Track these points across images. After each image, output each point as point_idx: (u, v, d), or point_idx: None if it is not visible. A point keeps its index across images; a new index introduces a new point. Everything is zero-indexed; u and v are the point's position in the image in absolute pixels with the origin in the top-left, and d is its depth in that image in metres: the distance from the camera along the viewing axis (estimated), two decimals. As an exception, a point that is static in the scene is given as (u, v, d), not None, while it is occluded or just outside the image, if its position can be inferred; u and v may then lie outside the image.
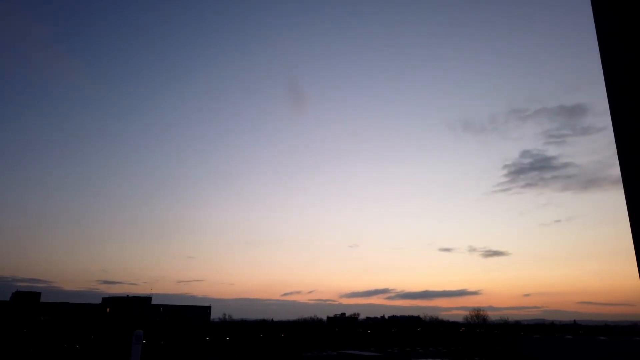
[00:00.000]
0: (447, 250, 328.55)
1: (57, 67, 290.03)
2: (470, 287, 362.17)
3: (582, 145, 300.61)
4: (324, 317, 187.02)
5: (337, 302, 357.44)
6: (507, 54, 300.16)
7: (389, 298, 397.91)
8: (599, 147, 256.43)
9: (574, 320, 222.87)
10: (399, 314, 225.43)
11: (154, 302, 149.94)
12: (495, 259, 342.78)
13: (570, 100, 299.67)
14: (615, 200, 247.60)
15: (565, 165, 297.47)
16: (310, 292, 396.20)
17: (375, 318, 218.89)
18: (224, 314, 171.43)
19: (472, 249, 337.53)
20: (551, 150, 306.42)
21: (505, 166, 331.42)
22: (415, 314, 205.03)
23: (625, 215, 4.65)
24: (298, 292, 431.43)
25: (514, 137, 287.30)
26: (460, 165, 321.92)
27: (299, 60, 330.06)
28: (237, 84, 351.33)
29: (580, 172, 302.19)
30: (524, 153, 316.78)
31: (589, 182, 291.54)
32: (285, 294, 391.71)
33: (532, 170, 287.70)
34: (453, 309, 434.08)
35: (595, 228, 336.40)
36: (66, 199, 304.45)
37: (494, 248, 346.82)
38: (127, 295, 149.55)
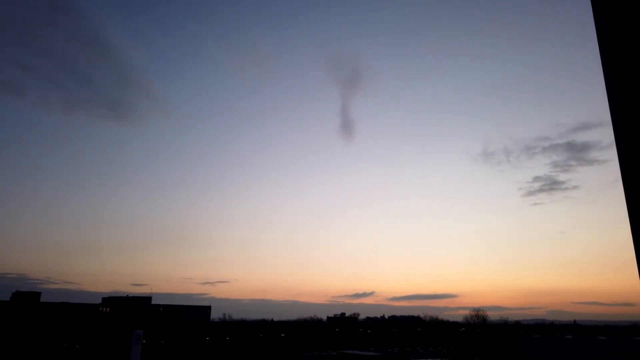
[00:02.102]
0: (456, 256, 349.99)
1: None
2: (473, 288, 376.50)
3: (587, 173, 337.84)
4: (324, 317, 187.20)
5: (341, 303, 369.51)
6: (520, 100, 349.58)
7: (392, 299, 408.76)
8: (602, 174, 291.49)
9: (574, 320, 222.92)
10: (399, 314, 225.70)
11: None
12: (501, 264, 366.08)
13: (577, 138, 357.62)
14: (616, 207, 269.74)
15: (572, 187, 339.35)
16: (311, 293, 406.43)
17: (375, 318, 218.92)
18: (224, 314, 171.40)
19: (482, 255, 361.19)
20: (560, 177, 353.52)
21: (519, 189, 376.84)
22: (416, 313, 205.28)
23: (625, 218, 4.64)
24: (304, 294, 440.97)
25: (526, 167, 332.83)
26: (481, 189, 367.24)
27: (339, 84, 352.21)
28: (269, 88, 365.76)
29: (586, 193, 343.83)
30: (536, 178, 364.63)
31: (593, 201, 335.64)
32: (297, 295, 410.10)
33: (542, 192, 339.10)
34: (456, 309, 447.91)
35: (596, 231, 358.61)
36: (98, 204, 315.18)
37: (502, 255, 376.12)
38: (127, 295, 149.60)
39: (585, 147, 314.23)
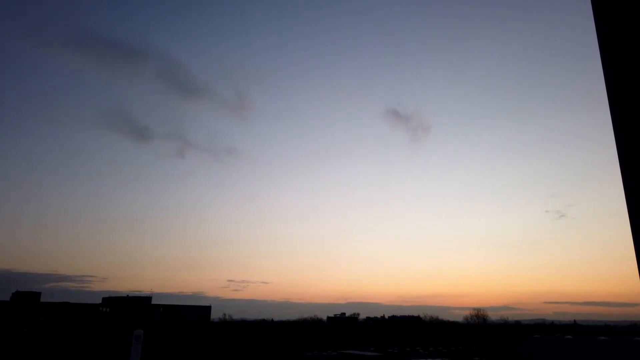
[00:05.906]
0: (459, 258, 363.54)
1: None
2: (473, 288, 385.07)
3: (592, 209, 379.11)
4: (324, 317, 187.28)
5: (342, 303, 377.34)
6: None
7: (392, 301, 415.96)
8: (607, 208, 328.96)
9: (574, 320, 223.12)
10: (399, 313, 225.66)
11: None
12: (502, 265, 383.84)
13: (581, 189, 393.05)
14: (615, 206, 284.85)
15: (579, 216, 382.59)
16: (314, 294, 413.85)
17: (375, 318, 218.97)
18: (224, 314, 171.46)
19: (484, 257, 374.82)
20: (567, 212, 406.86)
21: (532, 216, 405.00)
22: (416, 313, 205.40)
23: (625, 217, 4.64)
24: (309, 294, 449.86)
25: (540, 205, 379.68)
26: (504, 218, 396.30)
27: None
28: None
29: (590, 221, 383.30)
30: (547, 213, 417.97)
31: (596, 224, 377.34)
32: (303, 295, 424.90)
33: (550, 221, 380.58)
34: (457, 309, 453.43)
35: (596, 231, 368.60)
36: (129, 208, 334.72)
37: (505, 257, 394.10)
38: (127, 295, 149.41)
39: (589, 197, 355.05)
